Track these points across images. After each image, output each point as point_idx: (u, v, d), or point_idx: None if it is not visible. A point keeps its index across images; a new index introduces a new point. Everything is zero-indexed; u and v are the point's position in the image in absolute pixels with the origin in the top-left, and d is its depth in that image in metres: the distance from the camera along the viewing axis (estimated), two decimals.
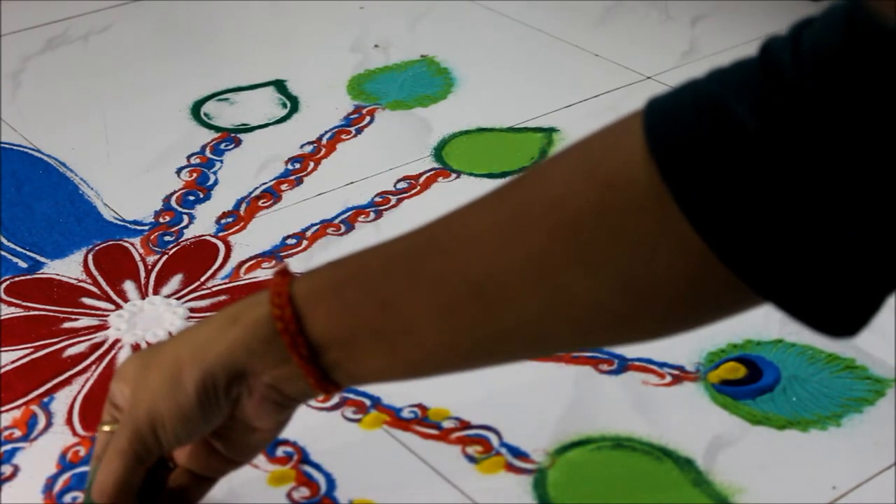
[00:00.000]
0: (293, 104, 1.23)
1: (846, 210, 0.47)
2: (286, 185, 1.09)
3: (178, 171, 1.11)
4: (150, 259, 0.99)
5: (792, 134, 0.46)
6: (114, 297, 0.94)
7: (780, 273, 0.48)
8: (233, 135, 1.18)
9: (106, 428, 0.65)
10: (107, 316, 0.92)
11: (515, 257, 0.52)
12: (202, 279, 0.96)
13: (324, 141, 1.16)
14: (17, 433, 0.81)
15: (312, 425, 0.81)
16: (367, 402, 0.83)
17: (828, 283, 0.48)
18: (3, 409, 0.83)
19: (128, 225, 1.03)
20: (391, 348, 0.56)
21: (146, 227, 1.03)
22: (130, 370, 0.63)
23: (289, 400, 0.62)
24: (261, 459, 0.78)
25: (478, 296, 0.53)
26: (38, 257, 0.99)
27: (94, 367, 0.87)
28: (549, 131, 1.16)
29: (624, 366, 0.86)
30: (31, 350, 0.88)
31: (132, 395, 0.62)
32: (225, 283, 0.95)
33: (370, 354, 0.57)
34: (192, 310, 0.92)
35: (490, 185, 0.56)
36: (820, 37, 0.47)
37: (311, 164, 1.12)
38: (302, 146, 1.15)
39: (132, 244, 1.01)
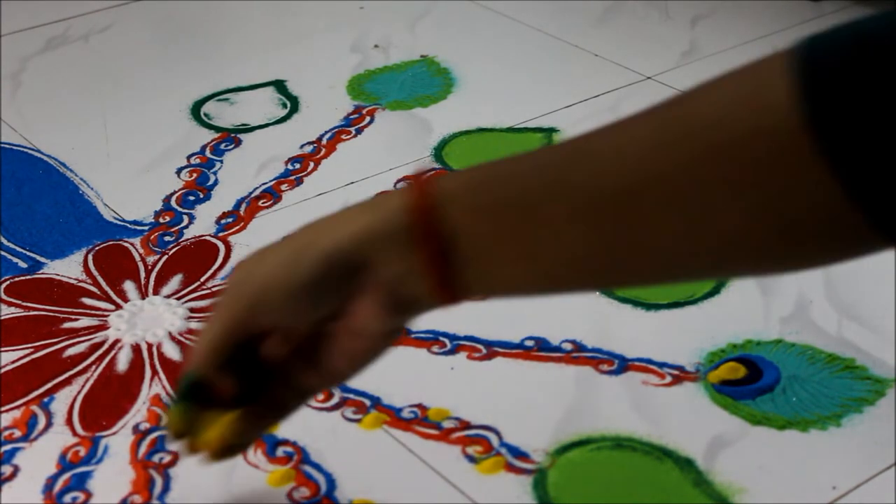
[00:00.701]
0: (293, 104, 1.23)
1: None
2: (286, 185, 1.09)
3: (178, 172, 1.11)
4: (150, 259, 0.99)
5: None
6: (114, 297, 0.94)
7: None
8: (233, 135, 1.18)
9: None
10: (107, 316, 0.92)
11: (665, 172, 0.50)
12: (202, 279, 0.96)
13: (324, 141, 1.16)
14: (17, 433, 0.81)
15: (312, 425, 0.81)
16: (367, 402, 0.83)
17: None
18: (3, 409, 0.83)
19: (128, 225, 1.03)
20: (528, 253, 0.54)
21: (146, 227, 1.03)
22: (251, 255, 0.61)
23: (403, 304, 0.57)
24: (261, 459, 0.78)
25: (623, 208, 0.51)
26: (38, 257, 0.99)
27: (94, 367, 0.87)
28: (549, 131, 1.16)
29: (624, 366, 0.86)
30: (31, 350, 0.88)
31: (247, 270, 0.60)
32: (225, 284, 0.95)
33: (506, 257, 0.54)
34: (192, 310, 0.92)
35: None
36: None
37: (312, 165, 1.12)
38: (302, 146, 1.15)
39: (132, 244, 1.01)
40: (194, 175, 1.11)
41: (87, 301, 0.94)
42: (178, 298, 0.94)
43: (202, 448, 0.65)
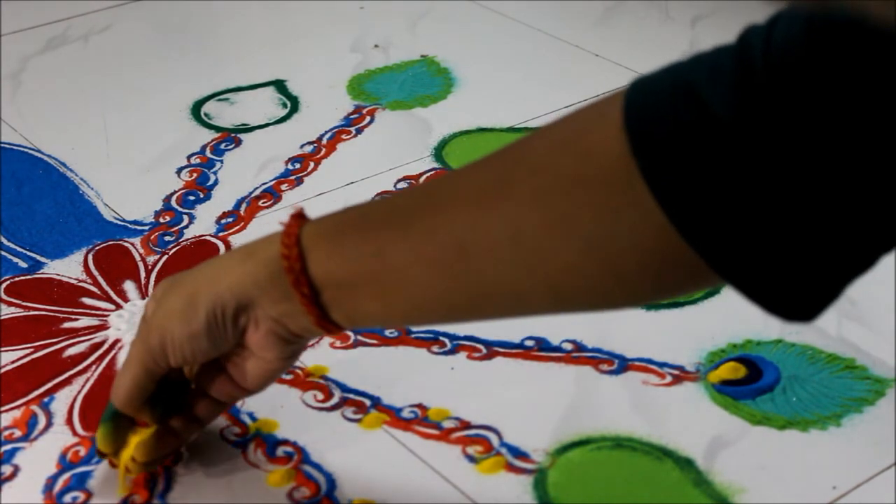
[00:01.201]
0: (293, 104, 1.23)
1: (807, 197, 0.48)
2: (286, 185, 1.09)
3: (178, 171, 1.11)
4: (151, 259, 0.99)
5: (757, 123, 0.48)
6: (114, 297, 0.94)
7: (739, 252, 0.50)
8: (233, 135, 1.18)
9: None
10: (107, 316, 0.92)
11: (496, 218, 0.55)
12: None
13: (324, 141, 1.16)
14: (17, 433, 0.81)
15: (312, 425, 0.81)
16: (367, 402, 0.83)
17: (789, 267, 0.50)
18: (3, 409, 0.83)
19: (128, 225, 1.03)
20: (383, 294, 0.60)
21: (146, 227, 1.03)
22: (159, 290, 0.69)
23: (293, 336, 0.66)
24: (261, 459, 0.78)
25: (462, 253, 0.56)
26: (38, 257, 0.99)
27: (94, 367, 0.87)
28: None
29: (624, 366, 0.86)
30: (31, 350, 0.88)
31: (153, 312, 0.69)
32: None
33: (364, 298, 0.61)
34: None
35: None
36: (787, 28, 0.49)
37: (312, 164, 1.12)
38: (302, 146, 1.15)
39: (132, 244, 1.01)
40: (194, 175, 1.11)
41: (88, 301, 0.94)
42: None
43: (125, 464, 0.74)
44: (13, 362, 0.87)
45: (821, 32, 0.47)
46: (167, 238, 1.01)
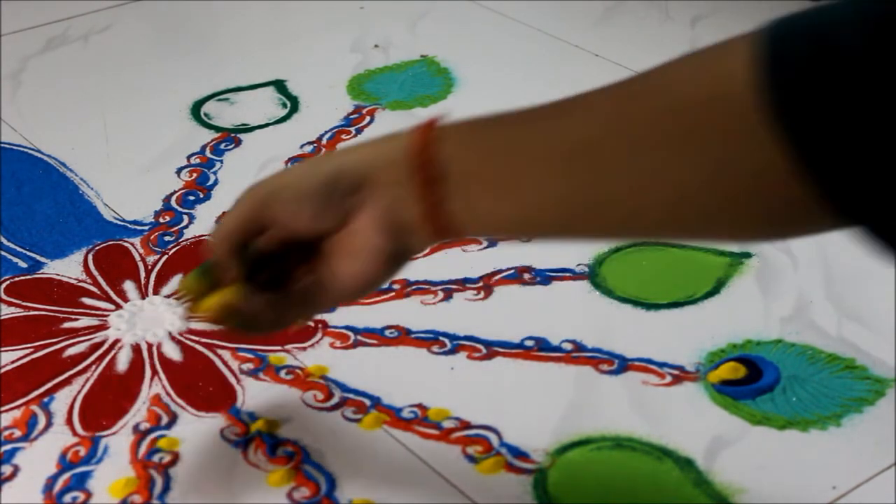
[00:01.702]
0: (293, 104, 1.23)
1: None
2: None
3: (178, 171, 1.11)
4: (150, 259, 0.99)
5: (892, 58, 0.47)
6: (114, 297, 0.94)
7: (867, 192, 0.49)
8: (233, 135, 1.18)
9: None
10: (107, 316, 0.92)
11: (626, 127, 0.55)
12: None
13: (324, 141, 1.16)
14: (17, 433, 0.81)
15: (312, 425, 0.81)
16: (367, 402, 0.83)
17: None
18: (3, 409, 0.83)
19: (128, 225, 1.03)
20: (509, 189, 0.59)
21: (146, 227, 1.03)
22: (274, 172, 0.68)
23: (396, 227, 0.62)
24: (261, 459, 0.78)
25: (588, 154, 0.56)
26: (38, 257, 0.99)
27: (94, 367, 0.87)
28: None
29: (624, 366, 0.86)
30: (31, 350, 0.88)
31: (268, 178, 0.67)
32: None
33: (489, 191, 0.59)
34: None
35: None
36: None
37: None
38: (302, 146, 1.15)
39: (132, 244, 1.01)
40: (194, 175, 1.11)
41: (87, 301, 0.94)
42: (179, 298, 0.94)
43: (205, 310, 0.69)
44: (13, 362, 0.87)
45: None
46: (167, 238, 1.01)
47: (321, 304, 0.70)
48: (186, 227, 1.03)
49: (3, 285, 0.96)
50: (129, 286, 0.95)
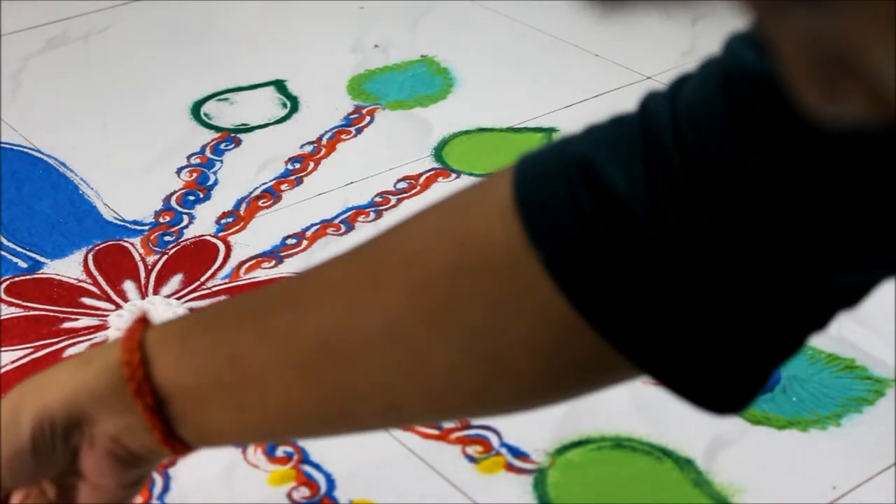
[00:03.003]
0: (293, 104, 1.23)
1: (728, 290, 0.45)
2: (286, 185, 1.09)
3: (178, 171, 1.11)
4: (150, 259, 0.99)
5: (671, 211, 0.44)
6: (114, 297, 0.94)
7: (655, 344, 0.45)
8: (233, 135, 1.18)
9: None
10: (107, 316, 0.92)
11: (368, 314, 0.50)
12: (202, 279, 0.96)
13: (324, 141, 1.16)
14: None
15: None
16: None
17: (709, 359, 0.46)
18: None
19: (128, 225, 1.03)
20: (239, 404, 0.53)
21: (146, 227, 1.03)
22: None
23: (133, 457, 0.56)
24: (261, 459, 0.78)
25: (328, 353, 0.50)
26: (38, 257, 0.99)
27: None
28: (549, 131, 1.16)
29: None
30: (31, 350, 0.88)
31: None
32: (225, 284, 0.95)
33: (218, 409, 0.53)
34: (191, 310, 0.92)
35: None
36: (700, 108, 0.44)
37: (311, 164, 1.12)
38: (302, 146, 1.15)
39: (132, 244, 1.01)
40: (194, 175, 1.11)
41: (87, 301, 0.94)
42: (178, 298, 0.94)
43: None
44: (13, 362, 0.87)
45: (740, 114, 0.42)
46: (167, 238, 1.01)
47: None
48: (186, 227, 1.03)
49: (3, 285, 0.96)
50: (129, 286, 0.95)
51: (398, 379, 0.49)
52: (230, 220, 1.04)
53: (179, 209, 1.05)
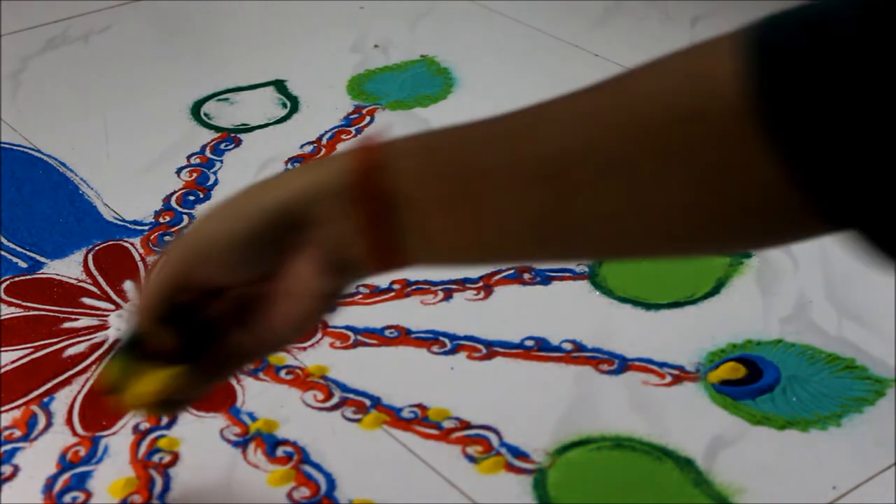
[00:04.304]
0: (293, 104, 1.23)
1: None
2: None
3: (178, 171, 1.11)
4: (151, 259, 0.99)
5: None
6: (114, 297, 0.94)
7: (852, 192, 0.46)
8: (233, 135, 1.18)
9: None
10: (107, 316, 0.92)
11: (605, 142, 0.51)
12: None
13: (324, 141, 1.16)
14: (17, 433, 0.81)
15: (312, 425, 0.81)
16: (367, 402, 0.83)
17: None
18: (3, 409, 0.83)
19: (128, 225, 1.03)
20: (473, 220, 0.53)
21: (146, 227, 1.03)
22: (204, 212, 0.60)
23: (340, 265, 0.56)
24: (261, 459, 0.78)
25: (565, 172, 0.51)
26: (38, 257, 0.99)
27: (94, 367, 0.87)
28: None
29: (624, 366, 0.86)
30: (31, 350, 0.88)
31: (195, 227, 0.59)
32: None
33: (450, 223, 0.54)
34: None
35: None
36: None
37: None
38: (302, 146, 1.15)
39: (132, 244, 1.01)
40: (194, 175, 1.11)
41: (87, 301, 0.94)
42: None
43: (135, 401, 0.63)
44: (13, 362, 0.87)
45: None
46: (167, 238, 1.01)
47: (255, 357, 0.64)
48: (186, 227, 1.03)
49: (3, 285, 0.96)
50: (129, 286, 0.95)
51: (620, 211, 0.51)
52: None
53: (179, 209, 1.05)
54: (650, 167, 0.50)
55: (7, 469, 0.78)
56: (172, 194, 1.08)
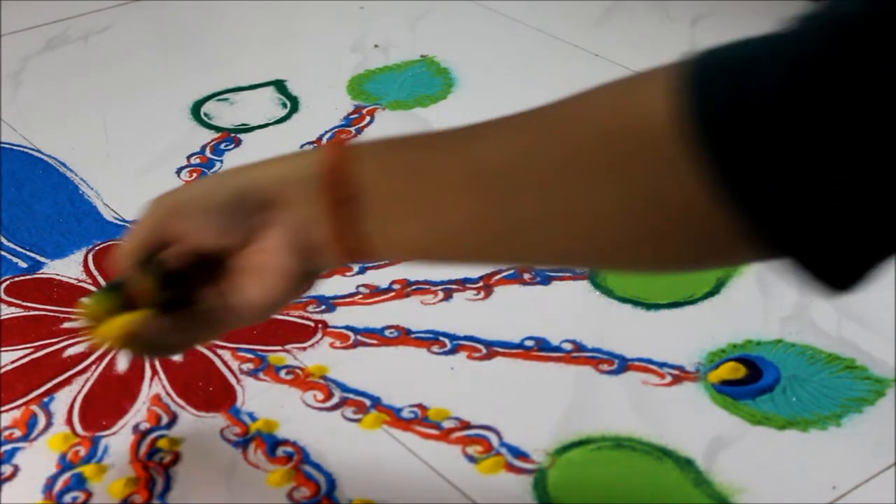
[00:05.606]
0: (293, 104, 1.23)
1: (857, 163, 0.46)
2: None
3: (178, 171, 1.11)
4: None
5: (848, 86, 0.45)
6: None
7: (787, 215, 0.48)
8: (233, 135, 1.18)
9: None
10: None
11: (540, 153, 0.56)
12: None
13: (324, 141, 1.16)
14: (17, 433, 0.81)
15: (312, 425, 0.81)
16: (367, 402, 0.83)
17: (836, 235, 0.49)
18: (3, 409, 0.83)
19: (128, 225, 1.03)
20: (426, 212, 0.59)
21: None
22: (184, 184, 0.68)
23: (305, 248, 0.61)
24: (261, 459, 0.78)
25: (509, 180, 0.56)
26: (38, 257, 0.99)
27: (94, 367, 0.87)
28: None
29: (624, 366, 0.86)
30: (31, 350, 0.88)
31: (175, 189, 0.67)
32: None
33: (406, 214, 0.59)
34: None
35: None
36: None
37: None
38: (302, 146, 1.15)
39: None
40: (194, 175, 1.11)
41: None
42: None
43: (105, 335, 0.67)
44: (13, 362, 0.87)
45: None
46: None
47: (227, 325, 0.68)
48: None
49: (3, 285, 0.96)
50: None
51: (557, 218, 0.55)
52: None
53: None
54: (582, 178, 0.54)
55: (7, 469, 0.78)
56: None
